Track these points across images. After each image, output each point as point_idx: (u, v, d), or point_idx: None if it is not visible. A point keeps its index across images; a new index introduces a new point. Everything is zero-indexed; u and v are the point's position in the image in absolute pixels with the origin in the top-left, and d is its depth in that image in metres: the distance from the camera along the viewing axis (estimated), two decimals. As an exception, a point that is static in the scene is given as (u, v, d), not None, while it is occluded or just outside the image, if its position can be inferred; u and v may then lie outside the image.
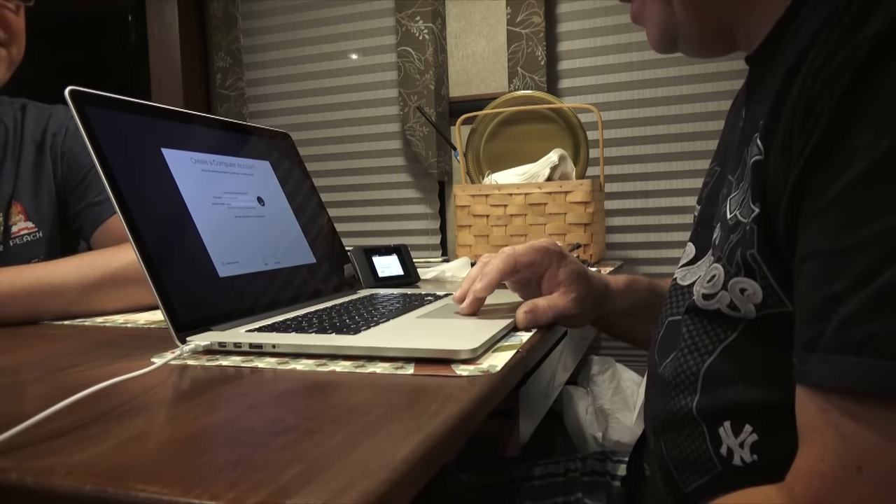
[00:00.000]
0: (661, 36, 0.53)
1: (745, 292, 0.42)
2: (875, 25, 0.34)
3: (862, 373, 0.31)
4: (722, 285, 0.44)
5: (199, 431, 0.37)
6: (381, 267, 1.01)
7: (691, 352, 0.47)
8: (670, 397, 0.48)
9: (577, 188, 1.34)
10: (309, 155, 1.99)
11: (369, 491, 0.28)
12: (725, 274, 0.44)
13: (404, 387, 0.45)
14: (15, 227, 0.93)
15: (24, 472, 0.31)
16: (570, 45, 1.80)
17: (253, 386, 0.47)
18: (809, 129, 0.36)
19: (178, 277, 0.60)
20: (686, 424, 0.47)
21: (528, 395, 0.67)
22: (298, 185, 0.86)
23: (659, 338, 0.55)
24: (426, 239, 1.97)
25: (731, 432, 0.43)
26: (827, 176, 0.35)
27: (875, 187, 0.33)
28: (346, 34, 1.99)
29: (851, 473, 0.32)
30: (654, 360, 0.54)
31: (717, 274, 0.45)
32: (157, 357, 0.54)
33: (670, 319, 0.54)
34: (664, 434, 0.50)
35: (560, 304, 0.64)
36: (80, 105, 0.59)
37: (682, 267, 0.57)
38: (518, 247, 0.67)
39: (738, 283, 0.43)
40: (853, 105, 0.34)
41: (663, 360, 0.52)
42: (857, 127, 0.34)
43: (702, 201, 0.58)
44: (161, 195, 0.63)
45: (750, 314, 0.42)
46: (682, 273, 0.56)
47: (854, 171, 0.34)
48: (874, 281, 0.32)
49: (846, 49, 0.35)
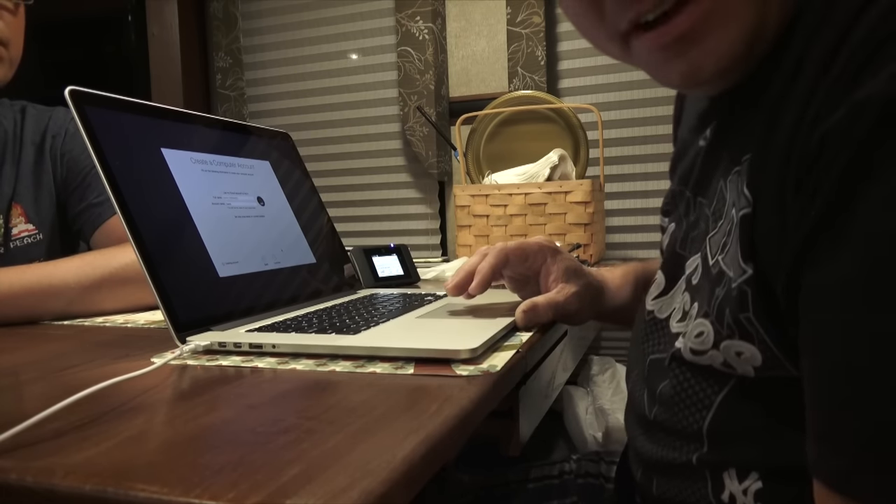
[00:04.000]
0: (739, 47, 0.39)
1: (741, 355, 0.39)
2: (881, 85, 0.29)
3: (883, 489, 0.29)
4: (713, 344, 0.40)
5: (199, 431, 0.37)
6: (381, 267, 1.01)
7: (688, 406, 0.44)
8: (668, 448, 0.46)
9: (577, 188, 1.34)
10: (309, 155, 1.99)
11: (369, 490, 0.28)
12: (716, 333, 0.40)
13: (404, 387, 0.45)
14: (15, 228, 0.93)
15: (23, 472, 0.31)
16: (570, 45, 1.80)
17: (253, 386, 0.47)
18: (808, 195, 0.32)
19: (177, 277, 0.60)
20: (684, 470, 0.44)
21: (528, 394, 0.67)
22: (298, 185, 0.86)
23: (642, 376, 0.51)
24: (426, 239, 1.97)
25: (736, 478, 0.41)
26: (831, 256, 0.31)
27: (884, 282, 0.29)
28: (346, 34, 1.99)
29: None
30: (640, 398, 0.50)
31: (706, 331, 0.41)
32: (157, 357, 0.54)
33: (653, 358, 0.49)
34: (656, 475, 0.48)
35: (559, 301, 0.64)
36: (79, 105, 0.59)
37: (655, 299, 0.52)
38: (510, 243, 0.67)
39: (732, 346, 0.39)
40: (858, 178, 0.30)
41: (649, 405, 0.48)
42: (862, 204, 0.30)
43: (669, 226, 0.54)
44: (161, 195, 0.63)
45: (748, 374, 0.39)
46: (657, 305, 0.52)
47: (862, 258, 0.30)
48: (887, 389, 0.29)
49: (847, 108, 0.30)
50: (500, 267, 0.66)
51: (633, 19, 0.40)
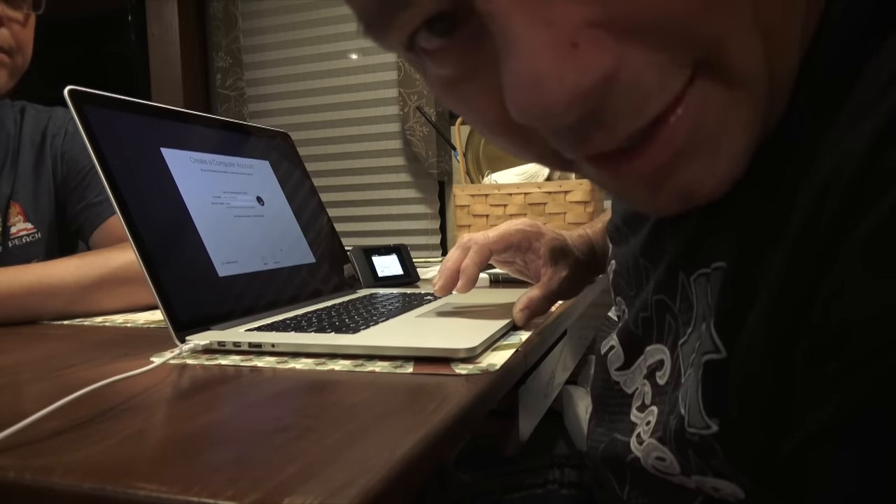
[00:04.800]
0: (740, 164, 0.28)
1: (719, 490, 0.33)
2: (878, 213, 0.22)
3: None
4: (680, 472, 0.35)
5: (198, 430, 0.37)
6: (381, 267, 1.01)
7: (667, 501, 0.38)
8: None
9: (576, 188, 1.34)
10: (309, 155, 1.99)
11: (368, 489, 0.28)
12: (681, 466, 0.34)
13: (403, 385, 0.45)
14: (14, 227, 0.93)
15: (22, 471, 0.31)
16: (570, 44, 1.80)
17: (252, 385, 0.47)
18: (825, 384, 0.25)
19: (177, 277, 0.60)
20: None
21: (528, 394, 0.67)
22: (298, 184, 0.86)
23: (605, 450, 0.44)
24: (426, 239, 1.97)
25: None
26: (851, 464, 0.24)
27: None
28: (346, 34, 1.99)
29: None
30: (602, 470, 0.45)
31: (668, 460, 0.35)
32: (157, 356, 0.54)
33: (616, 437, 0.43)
34: None
35: (554, 289, 0.64)
36: (79, 105, 0.59)
37: (618, 370, 0.46)
38: (490, 233, 0.66)
39: (707, 482, 0.33)
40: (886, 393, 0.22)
41: (621, 482, 0.43)
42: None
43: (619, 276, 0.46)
44: (160, 195, 0.63)
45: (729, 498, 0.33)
46: (622, 377, 0.45)
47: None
48: None
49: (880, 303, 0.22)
50: (485, 262, 0.66)
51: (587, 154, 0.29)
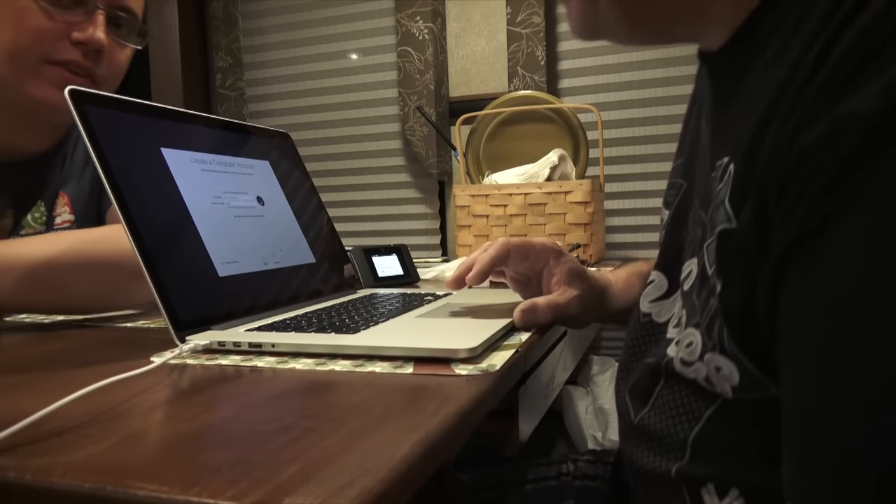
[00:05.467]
0: (579, 21, 0.44)
1: (720, 371, 0.38)
2: (868, 99, 0.28)
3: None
4: (699, 356, 0.39)
5: (198, 430, 0.37)
6: (381, 267, 1.01)
7: (677, 415, 0.42)
8: (650, 454, 0.45)
9: (576, 188, 1.34)
10: (309, 155, 2.00)
11: (368, 489, 0.28)
12: (702, 345, 0.39)
13: (403, 386, 0.45)
14: (59, 217, 0.93)
15: (22, 471, 0.31)
16: (570, 45, 1.80)
17: (252, 385, 0.47)
18: (784, 214, 0.31)
19: (177, 277, 0.60)
20: (664, 482, 0.43)
21: (528, 394, 0.67)
22: (298, 184, 0.86)
23: (632, 381, 0.50)
24: (426, 239, 1.97)
25: (716, 494, 0.40)
26: (808, 278, 0.30)
27: (865, 312, 0.28)
28: (346, 34, 1.99)
29: None
30: (625, 402, 0.49)
31: (695, 342, 0.40)
32: (157, 356, 0.54)
33: (648, 361, 0.48)
34: (643, 483, 0.47)
35: (560, 303, 0.64)
36: (79, 105, 0.59)
37: (653, 301, 0.50)
38: (514, 238, 0.66)
39: (713, 360, 0.38)
40: (839, 200, 0.28)
41: (638, 407, 0.47)
42: (843, 229, 0.28)
43: (668, 223, 0.52)
44: (161, 195, 0.63)
45: (726, 394, 0.38)
46: (655, 309, 0.50)
47: (841, 285, 0.29)
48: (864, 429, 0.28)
49: (828, 122, 0.29)
50: (501, 259, 0.65)
51: None
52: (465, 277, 0.65)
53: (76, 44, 0.79)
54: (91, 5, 0.80)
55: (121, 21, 0.84)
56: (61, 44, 0.79)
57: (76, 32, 0.79)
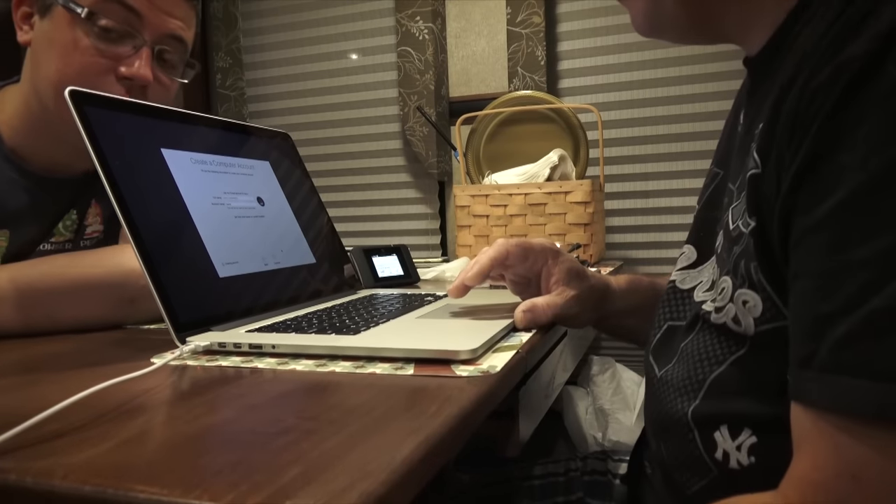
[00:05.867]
0: (644, 20, 0.51)
1: (746, 304, 0.42)
2: (862, 44, 0.34)
3: (857, 394, 0.32)
4: (730, 297, 0.44)
5: (199, 432, 0.37)
6: (381, 267, 1.01)
7: (700, 360, 0.46)
8: (668, 401, 0.48)
9: (577, 188, 1.34)
10: (309, 155, 1.99)
11: (369, 492, 0.28)
12: (733, 285, 0.44)
13: (404, 387, 0.45)
14: (90, 227, 0.93)
15: (23, 473, 0.31)
16: (570, 45, 1.80)
17: (252, 386, 0.47)
18: (797, 144, 0.37)
19: (177, 278, 0.60)
20: (680, 429, 0.46)
21: (528, 395, 0.67)
22: (298, 185, 0.86)
23: (656, 340, 0.54)
24: (426, 239, 1.97)
25: (729, 436, 0.43)
26: (815, 194, 0.35)
27: (862, 210, 0.33)
28: (346, 34, 1.98)
29: (845, 482, 0.33)
30: (649, 362, 0.54)
31: (727, 287, 0.44)
32: (157, 357, 0.54)
33: (670, 324, 0.53)
34: (662, 437, 0.50)
35: (559, 303, 0.64)
36: (79, 105, 0.59)
37: (680, 270, 0.56)
38: (513, 240, 0.67)
39: (742, 295, 0.43)
40: (840, 122, 0.34)
41: (662, 364, 0.51)
42: (844, 145, 0.34)
43: (702, 203, 0.57)
44: (161, 195, 0.63)
45: (749, 329, 0.42)
46: (680, 276, 0.55)
47: (842, 192, 0.34)
48: (865, 304, 0.32)
49: (832, 66, 0.35)
50: (500, 260, 0.66)
51: None
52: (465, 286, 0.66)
53: (122, 79, 0.79)
54: (140, 39, 0.79)
55: (168, 55, 0.84)
56: (107, 78, 0.79)
57: (123, 67, 0.79)
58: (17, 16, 0.82)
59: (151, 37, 0.80)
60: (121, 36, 0.79)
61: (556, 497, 0.70)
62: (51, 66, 0.78)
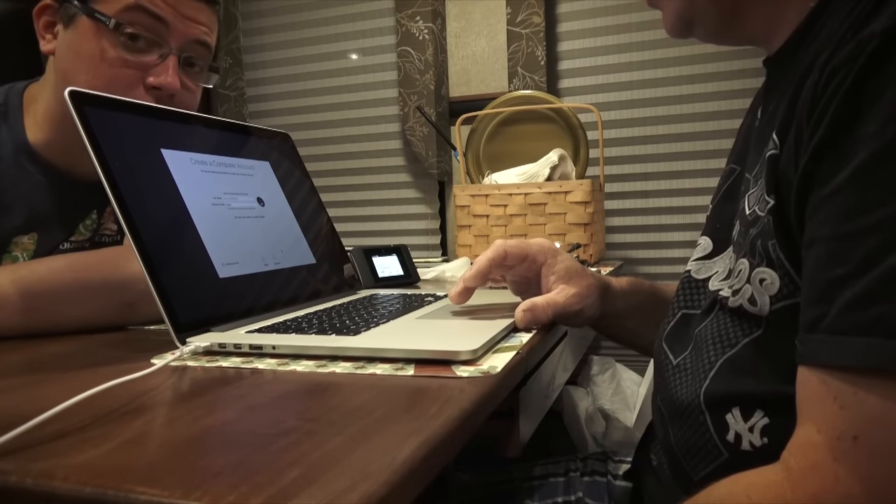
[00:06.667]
0: (677, 20, 0.53)
1: (763, 282, 0.43)
2: (882, 21, 0.35)
3: (872, 352, 0.32)
4: (747, 278, 0.45)
5: (199, 433, 0.37)
6: (381, 267, 1.01)
7: (713, 343, 0.47)
8: (681, 386, 0.49)
9: (577, 188, 1.34)
10: (309, 155, 1.99)
11: (370, 493, 0.28)
12: (750, 266, 0.44)
13: (404, 388, 0.45)
14: (106, 226, 0.94)
15: (24, 474, 0.31)
16: (570, 45, 1.80)
17: (253, 387, 0.47)
18: (817, 119, 0.37)
19: (178, 278, 0.60)
20: (691, 412, 0.47)
21: (528, 395, 0.67)
22: (298, 185, 0.86)
23: (669, 328, 0.55)
24: (426, 239, 1.97)
25: (741, 417, 0.43)
26: (833, 165, 0.36)
27: (879, 175, 0.34)
28: (346, 34, 1.98)
29: (846, 443, 0.33)
30: (661, 348, 0.55)
31: (744, 269, 0.45)
32: (157, 358, 0.54)
33: (684, 312, 0.54)
34: (672, 422, 0.50)
35: (559, 301, 0.64)
36: (79, 106, 0.59)
37: (696, 260, 0.57)
38: (511, 240, 0.67)
39: (759, 274, 0.43)
40: (859, 97, 0.35)
41: (678, 352, 0.52)
42: (862, 118, 0.35)
43: (717, 199, 0.59)
44: (161, 196, 0.63)
45: (765, 308, 0.43)
46: (696, 266, 0.56)
47: (858, 159, 0.34)
48: (879, 265, 0.33)
49: (852, 43, 0.36)
50: (499, 261, 0.66)
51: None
52: (466, 292, 0.66)
53: (151, 88, 0.80)
54: (166, 47, 0.80)
55: (194, 60, 0.84)
56: (137, 89, 0.79)
57: (151, 77, 0.79)
58: (40, 25, 0.82)
59: (177, 44, 0.81)
60: (147, 45, 0.79)
61: (555, 497, 0.71)
62: (79, 78, 0.78)
